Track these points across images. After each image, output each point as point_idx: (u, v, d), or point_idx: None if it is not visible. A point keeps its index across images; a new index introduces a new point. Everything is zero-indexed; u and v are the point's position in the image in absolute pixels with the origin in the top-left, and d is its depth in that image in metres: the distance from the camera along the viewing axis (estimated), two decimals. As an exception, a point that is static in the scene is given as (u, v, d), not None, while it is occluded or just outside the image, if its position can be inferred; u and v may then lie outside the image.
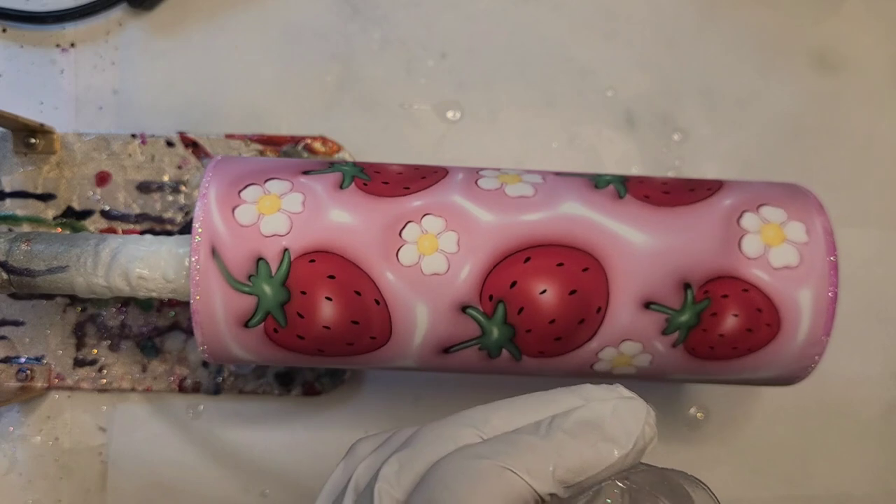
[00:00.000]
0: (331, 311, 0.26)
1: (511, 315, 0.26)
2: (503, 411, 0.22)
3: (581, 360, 0.27)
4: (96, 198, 0.36)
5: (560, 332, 0.26)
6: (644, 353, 0.27)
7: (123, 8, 0.38)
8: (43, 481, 0.36)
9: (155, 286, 0.28)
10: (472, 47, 0.38)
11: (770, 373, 0.28)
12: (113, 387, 0.35)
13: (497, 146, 0.37)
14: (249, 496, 0.36)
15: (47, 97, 0.37)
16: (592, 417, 0.21)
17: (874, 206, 0.37)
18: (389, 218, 0.26)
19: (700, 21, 0.38)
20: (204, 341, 0.27)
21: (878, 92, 0.38)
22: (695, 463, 0.36)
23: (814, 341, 0.27)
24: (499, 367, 0.28)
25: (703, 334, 0.27)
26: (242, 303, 0.26)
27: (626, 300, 0.26)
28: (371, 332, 0.27)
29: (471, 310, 0.26)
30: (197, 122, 0.37)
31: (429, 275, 0.26)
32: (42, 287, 0.29)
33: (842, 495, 0.36)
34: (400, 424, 0.36)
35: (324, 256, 0.26)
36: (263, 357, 0.28)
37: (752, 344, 0.27)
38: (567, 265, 0.26)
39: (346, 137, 0.36)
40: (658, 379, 0.29)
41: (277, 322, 0.26)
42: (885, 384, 0.36)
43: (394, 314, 0.26)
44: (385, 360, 0.28)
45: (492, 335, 0.26)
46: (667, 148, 0.37)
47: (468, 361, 0.28)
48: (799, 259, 0.26)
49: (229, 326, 0.26)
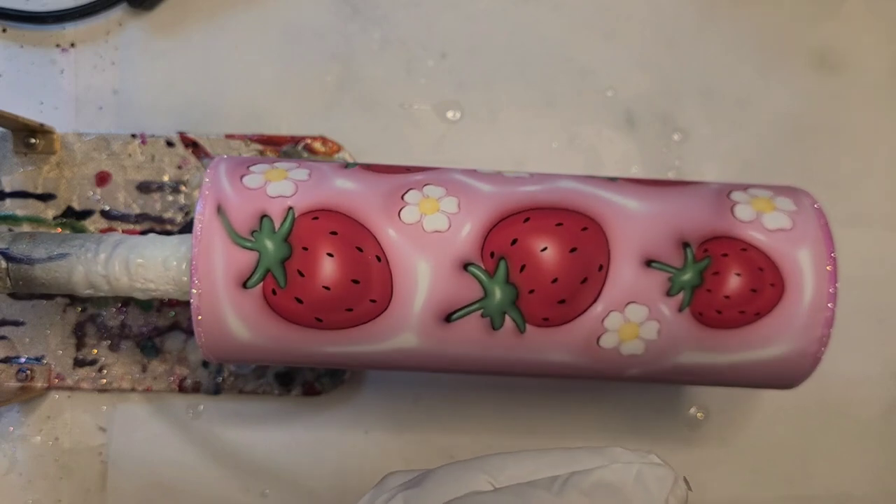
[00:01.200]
0: (331, 268, 0.26)
1: (513, 273, 0.26)
2: (523, 461, 0.21)
3: (587, 332, 0.27)
4: (96, 198, 0.36)
5: (563, 292, 0.26)
6: (651, 321, 0.27)
7: (123, 8, 0.38)
8: (43, 481, 0.36)
9: (154, 276, 0.28)
10: (472, 47, 0.38)
11: (781, 347, 0.27)
12: (113, 387, 0.35)
13: (497, 146, 0.37)
14: (249, 496, 0.36)
15: (47, 97, 0.37)
16: (613, 480, 0.19)
17: (874, 207, 0.37)
18: (392, 186, 0.27)
19: (700, 21, 0.38)
20: (200, 305, 0.26)
21: (879, 92, 0.38)
22: (695, 463, 0.36)
23: (819, 306, 0.27)
24: (502, 343, 0.27)
25: (708, 295, 0.27)
26: (243, 259, 0.26)
27: (626, 258, 0.26)
28: (371, 293, 0.26)
29: (472, 267, 0.26)
30: (197, 122, 0.37)
31: (430, 232, 0.26)
32: (39, 277, 0.28)
33: (842, 495, 0.36)
34: (399, 425, 0.36)
35: (327, 214, 0.26)
36: (258, 332, 0.27)
37: (759, 306, 0.27)
38: (566, 225, 0.27)
39: (346, 137, 0.36)
40: (668, 367, 0.28)
41: (277, 282, 0.26)
42: (885, 384, 0.37)
43: (395, 271, 0.26)
44: (384, 333, 0.27)
45: (494, 297, 0.26)
46: (667, 148, 0.37)
47: (470, 335, 0.27)
48: (791, 223, 0.27)
49: (227, 287, 0.26)
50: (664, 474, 0.20)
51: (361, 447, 0.36)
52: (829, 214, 0.28)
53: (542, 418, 0.36)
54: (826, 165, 0.37)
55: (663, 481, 0.19)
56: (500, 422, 0.36)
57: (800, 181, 0.37)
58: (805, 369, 0.28)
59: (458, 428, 0.36)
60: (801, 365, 0.28)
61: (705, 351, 0.27)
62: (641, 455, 0.20)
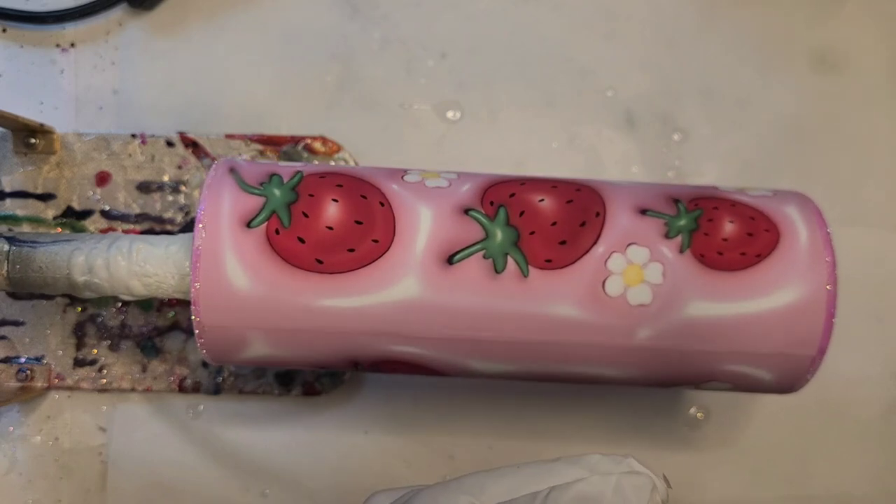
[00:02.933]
0: (336, 210, 0.27)
1: (513, 217, 0.27)
2: (501, 479, 0.21)
3: (591, 275, 0.27)
4: (96, 198, 0.36)
5: (563, 233, 0.27)
6: (654, 262, 0.27)
7: (123, 8, 0.38)
8: (43, 481, 0.36)
9: (154, 261, 0.28)
10: (472, 47, 0.38)
11: (789, 293, 0.27)
12: (113, 387, 0.35)
13: (497, 146, 0.37)
14: (249, 496, 0.36)
15: (47, 97, 0.37)
16: (592, 493, 0.20)
17: (874, 207, 0.37)
18: (393, 170, 0.29)
19: (700, 21, 0.38)
20: (201, 245, 0.26)
21: (879, 92, 0.38)
22: (695, 463, 0.36)
23: (817, 249, 0.27)
24: (506, 289, 0.27)
25: (706, 238, 0.27)
26: (250, 203, 0.27)
27: (621, 207, 0.28)
28: (374, 233, 0.27)
29: (473, 212, 0.27)
30: (197, 123, 0.37)
31: (432, 188, 0.28)
32: (39, 260, 0.28)
33: (842, 495, 0.36)
34: (399, 425, 0.36)
35: (334, 174, 0.28)
36: (257, 277, 0.27)
37: (758, 248, 0.27)
38: (560, 187, 0.28)
39: (346, 137, 0.36)
40: (678, 324, 0.27)
41: (281, 221, 0.27)
42: (885, 384, 0.37)
43: (398, 214, 0.27)
44: (386, 278, 0.27)
45: (495, 237, 0.27)
46: (667, 148, 0.37)
47: (473, 280, 0.27)
48: (773, 193, 0.29)
49: (231, 226, 0.27)
50: (642, 483, 0.20)
51: (361, 447, 0.36)
52: (829, 214, 0.28)
53: (542, 419, 0.36)
54: (826, 165, 0.37)
55: (642, 490, 0.20)
56: (500, 422, 0.36)
57: (799, 181, 0.37)
58: (817, 321, 0.27)
59: (458, 428, 0.36)
60: (813, 317, 0.27)
61: (714, 300, 0.27)
62: (619, 461, 0.20)
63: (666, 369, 0.28)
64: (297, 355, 0.29)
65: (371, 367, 0.30)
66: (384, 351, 0.28)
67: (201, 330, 0.27)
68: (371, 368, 0.30)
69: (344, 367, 0.30)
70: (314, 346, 0.28)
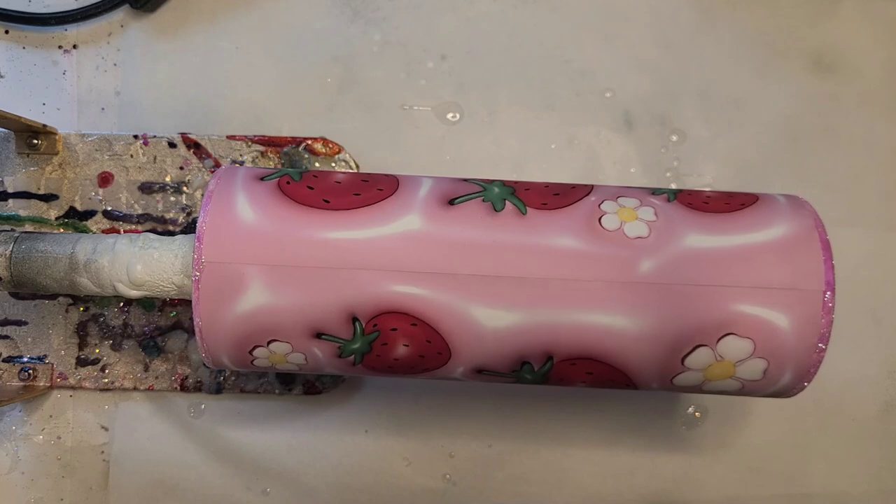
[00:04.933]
0: (343, 176, 0.29)
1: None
2: None
3: (587, 214, 0.27)
4: (98, 198, 0.36)
5: (556, 189, 0.29)
6: (645, 207, 0.28)
7: (125, 10, 0.38)
8: (45, 480, 0.36)
9: (158, 260, 0.28)
10: (471, 49, 0.38)
11: (781, 227, 0.27)
12: (115, 386, 0.35)
13: (496, 147, 0.37)
14: (251, 494, 0.36)
15: (50, 98, 0.37)
16: None
17: (871, 207, 0.37)
18: None
19: (698, 23, 0.38)
20: (214, 189, 0.28)
21: (875, 93, 0.38)
22: (692, 462, 0.36)
23: (799, 201, 0.28)
24: (505, 224, 0.27)
25: (690, 195, 0.29)
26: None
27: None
28: (378, 184, 0.28)
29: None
30: (199, 124, 0.37)
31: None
32: (42, 262, 0.28)
33: (839, 494, 0.36)
34: (399, 424, 0.36)
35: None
36: (264, 212, 0.27)
37: (741, 201, 0.28)
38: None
39: (347, 139, 0.37)
40: (678, 255, 0.27)
41: (292, 178, 0.29)
42: (882, 384, 0.37)
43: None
44: (390, 214, 0.27)
45: (493, 190, 0.29)
46: (665, 149, 0.37)
47: (473, 216, 0.27)
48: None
49: (245, 178, 0.29)
50: None
51: (362, 446, 0.36)
52: (826, 215, 0.28)
53: (542, 419, 0.36)
54: (823, 166, 0.37)
55: None
56: (500, 422, 0.36)
57: (796, 182, 0.37)
58: (816, 254, 0.27)
59: (458, 427, 0.36)
60: (810, 249, 0.27)
61: (709, 233, 0.27)
62: None
63: (675, 313, 0.27)
64: (295, 303, 0.27)
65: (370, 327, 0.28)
66: (384, 295, 0.27)
67: (201, 270, 0.26)
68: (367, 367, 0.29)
69: (340, 331, 0.28)
70: (313, 289, 0.27)
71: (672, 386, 0.29)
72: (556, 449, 0.36)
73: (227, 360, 0.29)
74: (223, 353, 0.28)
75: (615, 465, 0.36)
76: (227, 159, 0.36)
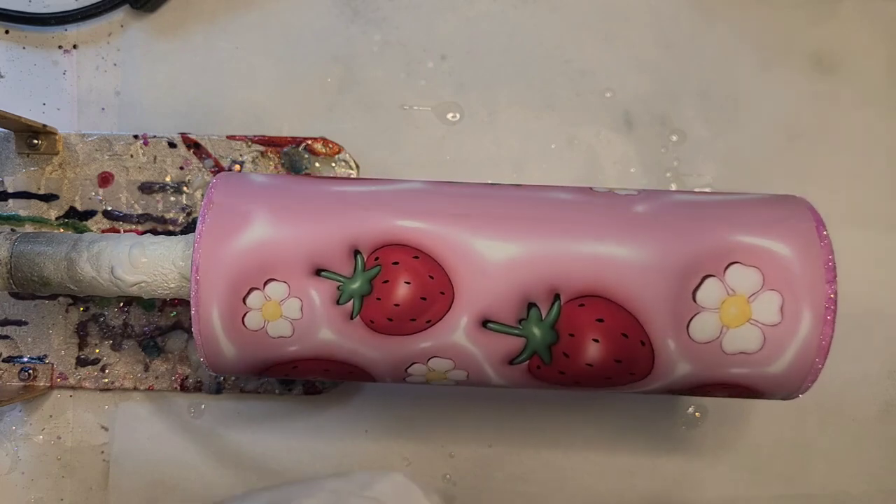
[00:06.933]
0: None
1: None
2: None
3: (580, 186, 0.30)
4: (98, 198, 0.36)
5: None
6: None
7: (125, 10, 0.38)
8: (45, 480, 0.36)
9: (158, 260, 0.28)
10: (471, 49, 0.38)
11: (775, 210, 0.28)
12: (115, 386, 0.35)
13: (496, 147, 0.37)
14: (250, 495, 0.36)
15: (50, 98, 0.37)
16: None
17: (871, 207, 0.37)
18: None
19: (698, 23, 0.38)
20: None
21: (875, 93, 0.38)
22: (693, 462, 0.36)
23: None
24: (506, 187, 0.29)
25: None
26: None
27: None
28: None
29: None
30: (199, 124, 0.37)
31: None
32: (42, 261, 0.28)
33: (839, 494, 0.36)
34: (399, 424, 0.36)
35: None
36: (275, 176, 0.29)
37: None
38: None
39: (347, 139, 0.37)
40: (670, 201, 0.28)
41: None
42: (883, 384, 0.37)
43: None
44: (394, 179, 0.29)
45: None
46: (665, 149, 0.37)
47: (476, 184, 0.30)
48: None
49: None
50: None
51: (362, 446, 0.36)
52: (827, 215, 0.28)
53: (541, 418, 0.36)
54: (823, 166, 0.37)
55: None
56: (499, 422, 0.36)
57: (796, 182, 0.37)
58: (804, 206, 0.28)
59: (457, 427, 0.36)
60: (799, 202, 0.28)
61: (695, 194, 0.29)
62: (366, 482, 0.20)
63: (676, 243, 0.27)
64: (297, 235, 0.27)
65: (373, 257, 0.27)
66: (388, 228, 0.27)
67: (209, 209, 0.27)
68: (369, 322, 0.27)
69: (341, 267, 0.27)
70: (316, 221, 0.27)
71: (691, 341, 0.27)
72: (556, 449, 0.36)
73: (216, 313, 0.27)
74: (215, 301, 0.27)
75: (615, 465, 0.36)
76: (227, 159, 0.36)
